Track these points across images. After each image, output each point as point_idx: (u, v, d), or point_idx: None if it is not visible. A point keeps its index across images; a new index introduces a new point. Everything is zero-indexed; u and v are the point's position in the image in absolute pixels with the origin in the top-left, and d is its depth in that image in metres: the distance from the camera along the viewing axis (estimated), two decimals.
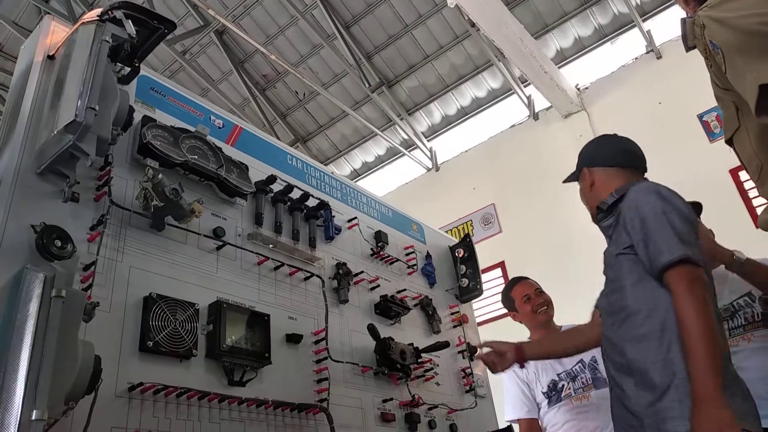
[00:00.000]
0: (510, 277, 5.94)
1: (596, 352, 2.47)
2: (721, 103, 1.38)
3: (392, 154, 7.47)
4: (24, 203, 1.17)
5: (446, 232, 3.43)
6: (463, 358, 2.25)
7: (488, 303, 6.07)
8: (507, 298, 2.59)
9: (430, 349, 2.01)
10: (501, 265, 6.08)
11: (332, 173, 2.17)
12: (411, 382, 1.93)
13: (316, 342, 1.69)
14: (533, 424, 2.32)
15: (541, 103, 6.31)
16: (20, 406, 0.87)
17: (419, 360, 1.96)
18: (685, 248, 1.35)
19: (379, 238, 2.13)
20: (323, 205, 1.90)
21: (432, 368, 2.04)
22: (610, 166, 1.69)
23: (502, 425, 2.17)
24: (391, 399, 1.83)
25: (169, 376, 1.27)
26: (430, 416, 1.94)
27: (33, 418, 0.86)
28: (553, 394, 2.34)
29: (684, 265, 1.34)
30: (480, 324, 2.84)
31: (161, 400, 1.24)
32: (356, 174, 7.72)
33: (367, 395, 1.78)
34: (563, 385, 2.33)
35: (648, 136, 2.97)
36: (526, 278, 2.66)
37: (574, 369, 2.41)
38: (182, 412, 1.27)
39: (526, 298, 2.52)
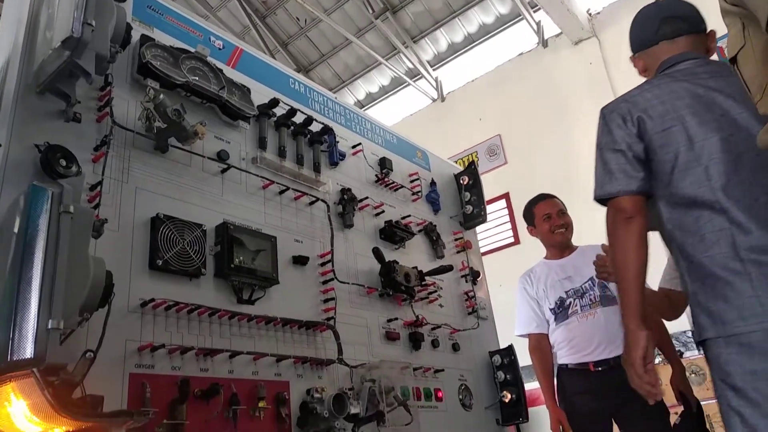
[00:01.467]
0: (514, 209, 5.99)
1: None
2: (727, 20, 1.32)
3: (396, 84, 7.32)
4: (26, 123, 1.17)
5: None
6: (466, 282, 2.30)
7: (492, 233, 6.13)
8: (528, 213, 2.62)
9: (433, 272, 2.05)
10: (506, 196, 6.08)
11: (335, 98, 2.14)
12: (415, 303, 1.98)
13: (322, 264, 1.72)
14: (541, 339, 2.39)
15: (550, 29, 6.10)
16: (36, 315, 0.90)
17: (423, 283, 2.00)
18: (602, 186, 1.33)
19: (384, 164, 2.13)
20: (327, 130, 1.89)
21: (436, 291, 2.09)
22: (654, 44, 1.46)
23: (504, 345, 2.24)
24: (396, 319, 1.89)
25: (179, 293, 1.30)
26: (434, 336, 2.00)
27: (49, 326, 0.89)
28: (560, 311, 2.41)
29: (609, 203, 1.34)
30: (484, 254, 2.88)
31: (173, 316, 1.28)
32: (360, 105, 7.60)
33: (373, 315, 1.83)
34: (570, 303, 2.39)
35: None
36: (553, 197, 2.67)
37: (583, 286, 2.46)
38: (193, 327, 1.32)
39: (546, 216, 2.55)
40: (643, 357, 1.27)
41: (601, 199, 1.36)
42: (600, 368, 2.43)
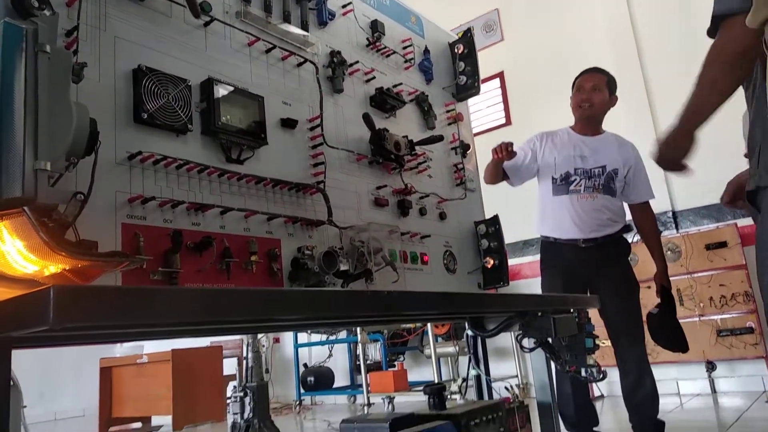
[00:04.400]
0: (508, 89, 5.87)
1: (620, 165, 2.59)
2: None
3: None
4: None
5: None
6: (456, 154, 2.30)
7: (485, 114, 6.05)
8: (574, 81, 2.66)
9: (424, 142, 2.05)
10: (500, 75, 5.93)
11: None
12: (404, 172, 2.00)
13: (312, 129, 1.70)
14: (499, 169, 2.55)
15: None
16: (22, 156, 0.89)
17: (413, 152, 2.00)
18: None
19: (376, 27, 2.04)
20: None
21: (425, 161, 2.10)
22: None
23: (489, 215, 2.29)
24: (385, 186, 1.91)
25: (166, 148, 1.29)
26: (422, 204, 2.04)
27: (36, 167, 0.89)
28: (562, 184, 2.48)
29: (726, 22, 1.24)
30: (476, 135, 2.86)
31: (161, 171, 1.28)
32: None
33: (362, 181, 1.84)
34: (575, 180, 2.45)
35: None
36: (597, 71, 2.66)
37: (593, 170, 2.51)
38: (183, 183, 1.32)
39: (578, 88, 2.56)
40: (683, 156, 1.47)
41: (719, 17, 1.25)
42: (587, 245, 2.54)
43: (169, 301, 0.77)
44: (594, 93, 2.59)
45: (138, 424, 5.96)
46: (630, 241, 2.79)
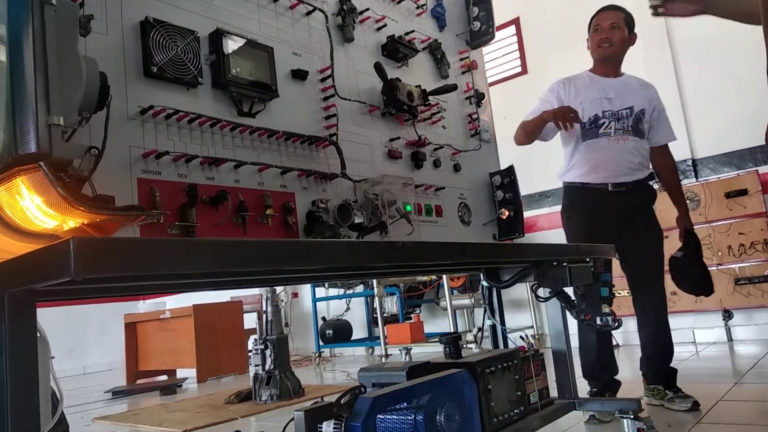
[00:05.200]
0: (524, 36, 5.71)
1: (646, 105, 2.53)
2: None
3: None
4: None
5: None
6: (470, 104, 2.26)
7: (500, 63, 5.92)
8: (590, 21, 2.57)
9: (437, 91, 2.01)
10: (515, 21, 5.76)
11: None
12: (418, 123, 1.97)
13: (323, 80, 1.68)
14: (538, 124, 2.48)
15: None
16: (34, 111, 0.89)
17: (426, 102, 1.97)
18: None
19: None
20: None
21: (439, 112, 2.07)
22: None
23: (504, 165, 2.27)
24: (398, 138, 1.89)
25: (177, 102, 1.28)
26: (436, 156, 2.02)
27: (49, 122, 0.89)
28: (591, 128, 2.43)
29: None
30: (491, 84, 2.80)
31: (174, 125, 1.28)
32: None
33: (375, 134, 1.83)
34: (604, 123, 2.40)
35: None
36: (615, 8, 2.57)
37: (620, 112, 2.46)
38: (196, 137, 1.32)
39: (596, 28, 2.47)
40: None
41: None
42: (616, 189, 2.51)
43: (188, 252, 0.77)
44: (613, 31, 2.50)
45: (164, 377, 6.18)
46: None
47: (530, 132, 2.55)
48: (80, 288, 1.19)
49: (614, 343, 4.60)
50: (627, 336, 4.73)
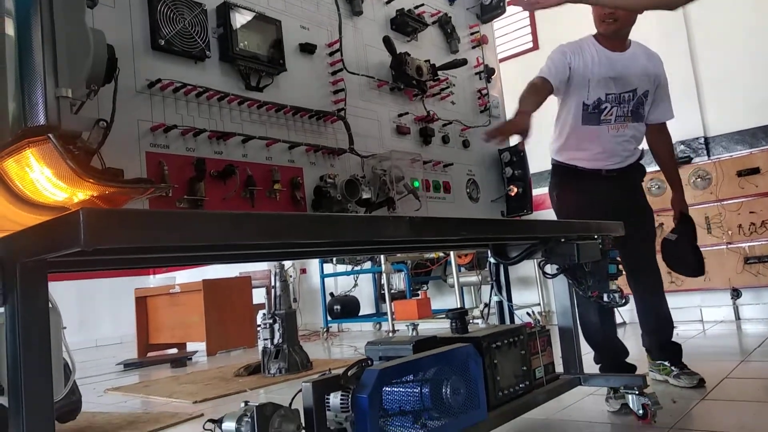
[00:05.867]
0: (536, 11, 5.61)
1: (650, 86, 2.46)
2: None
3: None
4: None
5: None
6: (480, 79, 2.23)
7: (511, 38, 5.84)
8: None
9: (447, 66, 1.99)
10: None
11: None
12: (427, 98, 1.95)
13: (331, 54, 1.67)
14: (545, 85, 2.38)
15: None
16: (43, 84, 0.89)
17: (436, 77, 1.95)
18: None
19: None
20: None
21: (448, 87, 2.05)
22: None
23: (513, 142, 2.25)
24: (407, 113, 1.88)
25: (185, 76, 1.28)
26: (444, 132, 2.01)
27: (58, 94, 0.89)
28: (593, 112, 2.37)
29: None
30: (502, 60, 2.76)
31: (182, 99, 1.28)
32: None
33: (383, 109, 1.81)
34: (606, 108, 2.35)
35: None
36: None
37: (623, 95, 2.40)
38: (204, 111, 1.32)
39: None
40: None
41: None
42: (609, 174, 2.48)
43: (196, 223, 0.78)
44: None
45: (174, 350, 6.28)
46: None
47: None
48: (91, 259, 1.21)
49: (620, 320, 4.62)
50: (634, 314, 4.73)
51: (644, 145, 2.61)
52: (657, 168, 2.76)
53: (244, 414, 1.22)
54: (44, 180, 0.93)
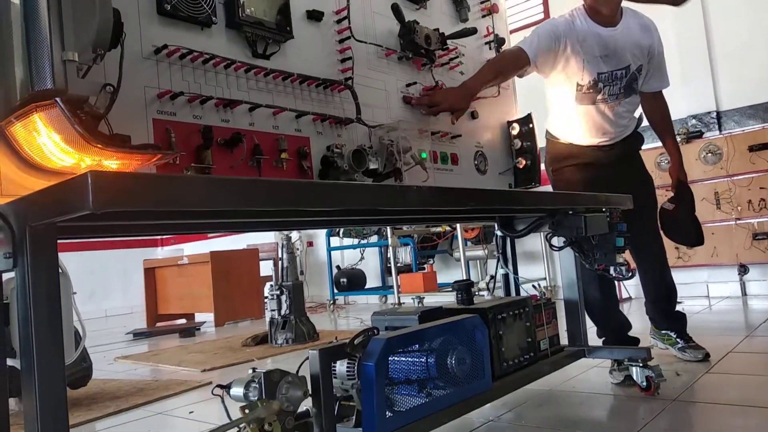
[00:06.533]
0: None
1: (644, 60, 2.39)
2: None
3: None
4: None
5: None
6: (490, 49, 2.20)
7: (522, 8, 5.74)
8: None
9: (456, 35, 1.96)
10: None
11: None
12: (435, 68, 1.93)
13: (338, 21, 1.64)
14: (520, 60, 2.22)
15: None
16: (49, 48, 0.88)
17: (444, 47, 1.92)
18: None
19: None
20: None
21: (457, 57, 2.02)
22: None
23: (522, 114, 2.23)
24: (415, 83, 1.86)
25: (191, 42, 1.26)
26: None
27: (64, 58, 0.89)
28: (588, 92, 2.32)
29: None
30: (512, 32, 2.71)
31: (188, 65, 1.27)
32: None
33: (391, 78, 1.79)
34: (600, 87, 2.29)
35: None
36: None
37: (616, 72, 2.34)
38: (210, 78, 1.31)
39: None
40: None
41: None
42: (603, 147, 2.45)
43: (206, 188, 0.78)
44: None
45: (182, 320, 6.36)
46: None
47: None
48: (99, 225, 1.22)
49: (626, 295, 4.63)
50: (640, 289, 4.74)
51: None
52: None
53: (251, 380, 1.24)
54: (52, 145, 0.93)
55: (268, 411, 1.13)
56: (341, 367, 1.36)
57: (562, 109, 2.42)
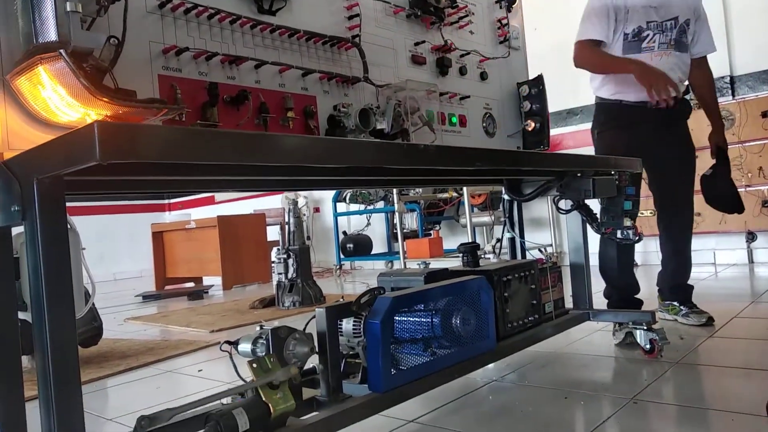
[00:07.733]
0: None
1: (691, 15, 2.37)
2: None
3: None
4: None
5: None
6: (500, 8, 2.15)
7: None
8: None
9: None
10: None
11: None
12: (444, 27, 1.89)
13: None
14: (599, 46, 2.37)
15: None
16: None
17: (454, 5, 1.88)
18: None
19: None
20: None
21: (467, 15, 1.97)
22: None
23: (532, 76, 2.19)
24: (423, 42, 1.82)
25: None
26: (462, 63, 1.95)
27: (68, 9, 0.87)
28: (634, 41, 2.30)
29: None
30: None
31: (193, 20, 1.24)
32: None
33: (399, 37, 1.76)
34: (648, 36, 2.27)
35: None
36: None
37: (665, 23, 2.32)
38: (216, 34, 1.29)
39: None
40: None
41: None
42: (649, 104, 2.41)
43: (210, 141, 0.77)
44: None
45: (191, 284, 6.43)
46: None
47: (607, 70, 2.43)
48: (106, 180, 1.22)
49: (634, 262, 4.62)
50: (646, 256, 4.74)
51: None
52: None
53: (259, 336, 1.25)
54: (57, 98, 0.92)
55: (286, 375, 1.13)
56: (347, 325, 1.37)
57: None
